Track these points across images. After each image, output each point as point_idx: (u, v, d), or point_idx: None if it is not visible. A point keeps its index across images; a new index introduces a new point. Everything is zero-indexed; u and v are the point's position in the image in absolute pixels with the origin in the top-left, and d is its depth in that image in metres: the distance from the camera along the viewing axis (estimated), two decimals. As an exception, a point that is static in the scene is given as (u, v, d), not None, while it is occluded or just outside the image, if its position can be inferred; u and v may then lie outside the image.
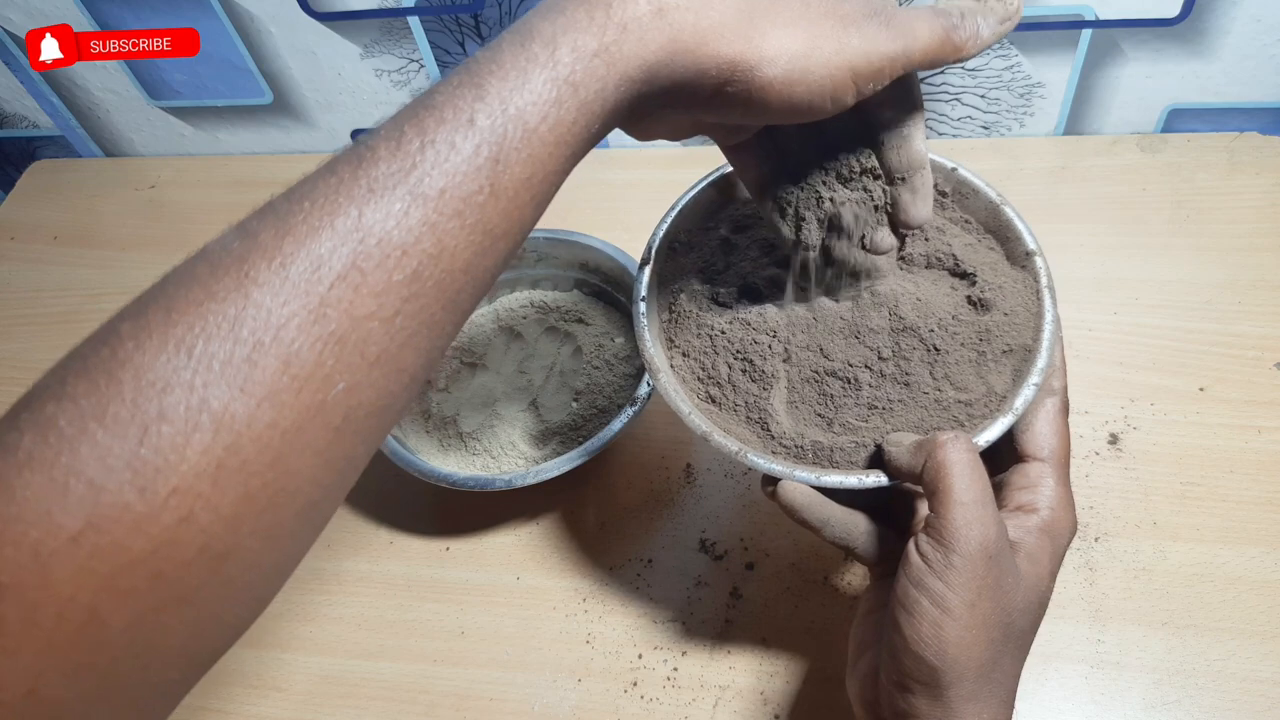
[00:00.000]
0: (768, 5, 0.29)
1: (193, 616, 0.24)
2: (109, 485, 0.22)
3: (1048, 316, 0.39)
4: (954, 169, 0.44)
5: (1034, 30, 0.62)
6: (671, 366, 0.41)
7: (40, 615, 0.21)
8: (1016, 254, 0.42)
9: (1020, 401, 0.37)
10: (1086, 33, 0.62)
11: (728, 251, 0.44)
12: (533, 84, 0.26)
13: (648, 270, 0.43)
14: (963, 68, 0.65)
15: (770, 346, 0.40)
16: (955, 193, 0.44)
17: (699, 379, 0.41)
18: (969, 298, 0.40)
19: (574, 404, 0.55)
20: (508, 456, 0.53)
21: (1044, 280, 0.41)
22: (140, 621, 0.23)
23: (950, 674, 0.32)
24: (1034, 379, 0.38)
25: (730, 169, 0.44)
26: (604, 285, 0.60)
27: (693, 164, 0.72)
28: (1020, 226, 0.42)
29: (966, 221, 0.44)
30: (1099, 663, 0.46)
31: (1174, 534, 0.50)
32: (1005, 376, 0.39)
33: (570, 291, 0.61)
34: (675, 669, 0.48)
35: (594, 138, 0.29)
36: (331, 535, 0.55)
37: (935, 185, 0.42)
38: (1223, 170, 0.65)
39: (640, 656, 0.49)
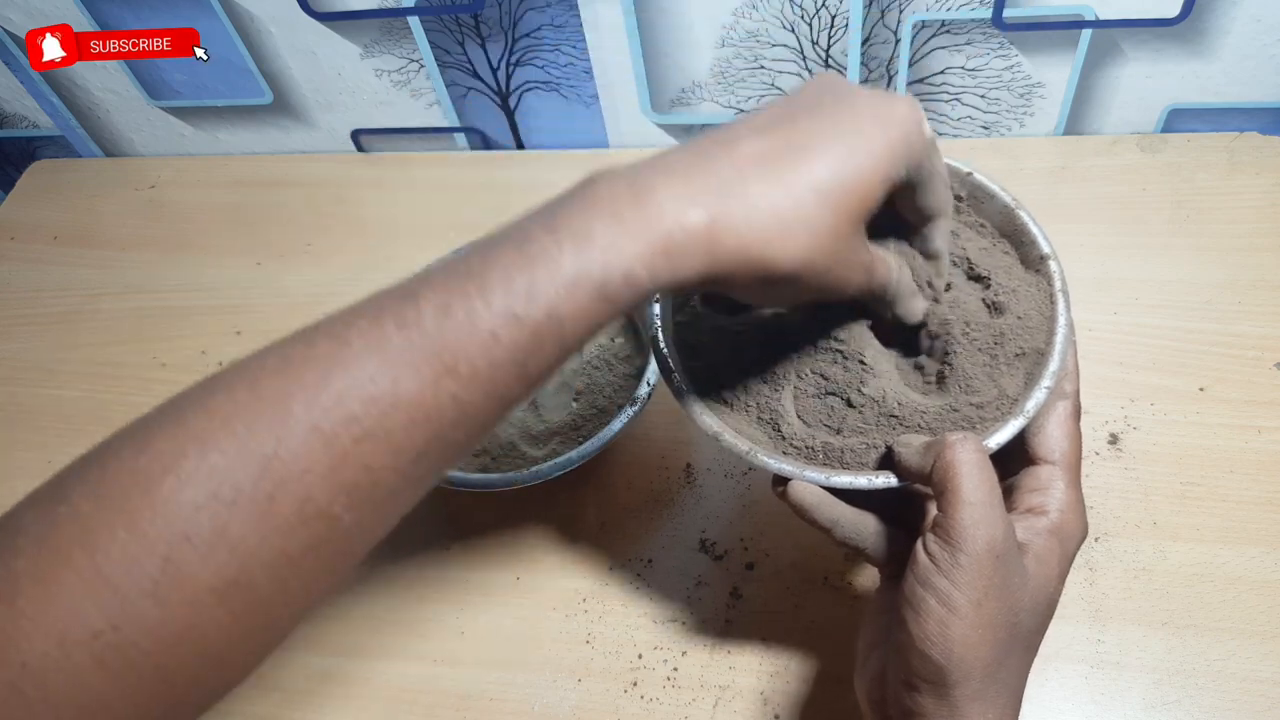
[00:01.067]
0: (790, 231, 0.30)
1: (183, 699, 0.27)
2: (132, 593, 0.24)
3: (1061, 320, 0.39)
4: (969, 173, 0.44)
5: (1034, 30, 0.62)
6: (685, 367, 0.41)
7: (55, 696, 0.24)
8: (1031, 258, 0.42)
9: (1032, 404, 0.37)
10: (1086, 33, 0.62)
11: None
12: (578, 298, 0.28)
13: None
14: (962, 68, 0.65)
15: (782, 348, 0.40)
16: (970, 197, 0.44)
17: (712, 380, 0.41)
18: (983, 300, 0.40)
19: (574, 404, 0.55)
20: (507, 457, 0.53)
21: (1058, 284, 0.41)
22: (139, 708, 0.25)
23: (956, 672, 0.32)
24: (1046, 382, 0.38)
25: None
26: (604, 285, 0.60)
27: (693, 164, 0.73)
28: (1035, 231, 0.42)
29: (981, 225, 0.44)
30: (1099, 663, 0.46)
31: (1174, 534, 0.49)
32: (1018, 379, 0.39)
33: (570, 291, 0.61)
34: (675, 669, 0.48)
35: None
36: (331, 535, 0.55)
37: (949, 189, 0.43)
38: (1223, 170, 0.65)
39: (640, 656, 0.49)
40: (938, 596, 0.33)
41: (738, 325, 0.41)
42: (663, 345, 0.41)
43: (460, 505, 0.54)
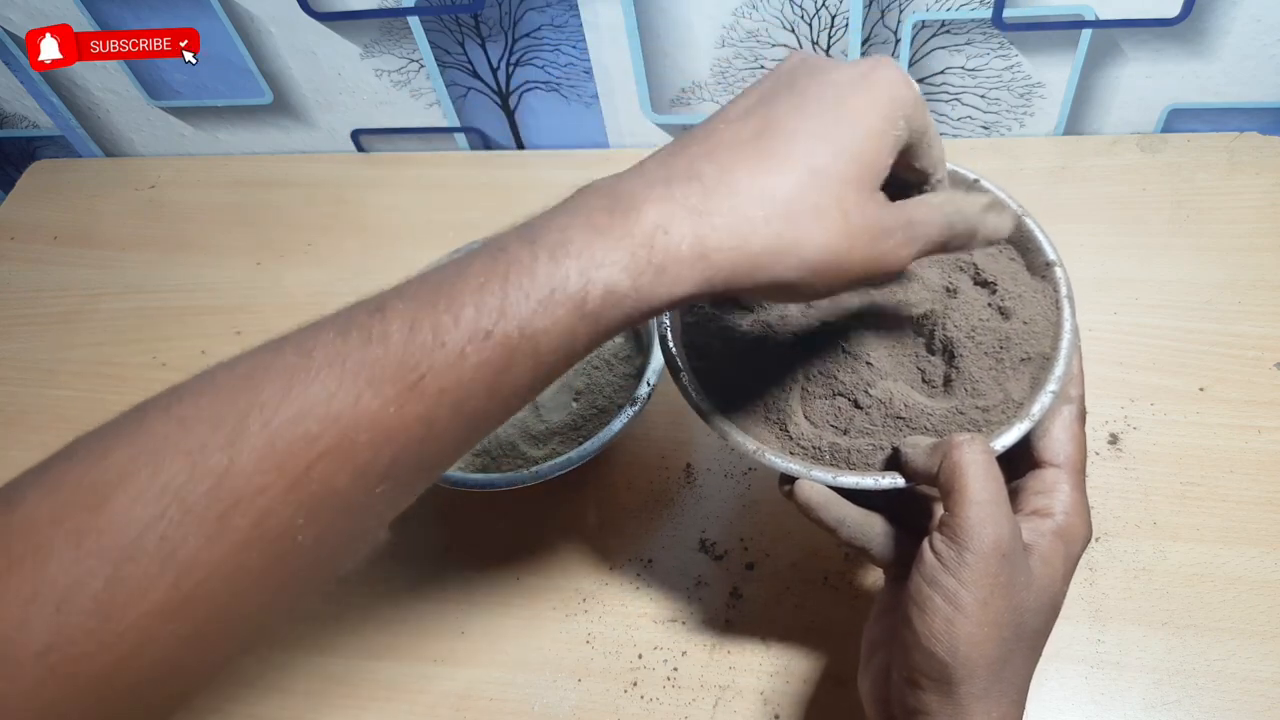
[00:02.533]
0: (798, 222, 0.28)
1: (143, 709, 0.26)
2: (75, 612, 0.24)
3: (1066, 326, 0.40)
4: (976, 180, 0.44)
5: (1034, 30, 0.62)
6: (693, 368, 0.41)
7: (7, 705, 0.23)
8: (1037, 264, 0.43)
9: (1037, 408, 0.38)
10: (1086, 33, 0.62)
11: None
12: (555, 313, 0.26)
13: None
14: (962, 68, 0.65)
15: (791, 349, 0.41)
16: None
17: (719, 380, 0.41)
18: (989, 305, 0.41)
19: (574, 404, 0.55)
20: (507, 457, 0.53)
21: (1064, 290, 0.41)
22: (96, 718, 0.25)
23: (961, 670, 0.32)
24: (1051, 387, 0.38)
25: None
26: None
27: (693, 164, 0.73)
28: (1040, 237, 0.43)
29: None
30: (1099, 663, 0.46)
31: (1174, 534, 0.49)
32: (1023, 384, 0.39)
33: (570, 291, 0.61)
34: (675, 669, 0.48)
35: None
36: (331, 535, 0.55)
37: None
38: (1223, 170, 0.65)
39: (640, 656, 0.49)
40: (944, 594, 0.33)
41: (746, 326, 0.42)
42: (671, 345, 0.41)
43: (460, 505, 0.54)
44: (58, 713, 0.24)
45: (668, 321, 0.42)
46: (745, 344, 0.41)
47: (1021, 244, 0.43)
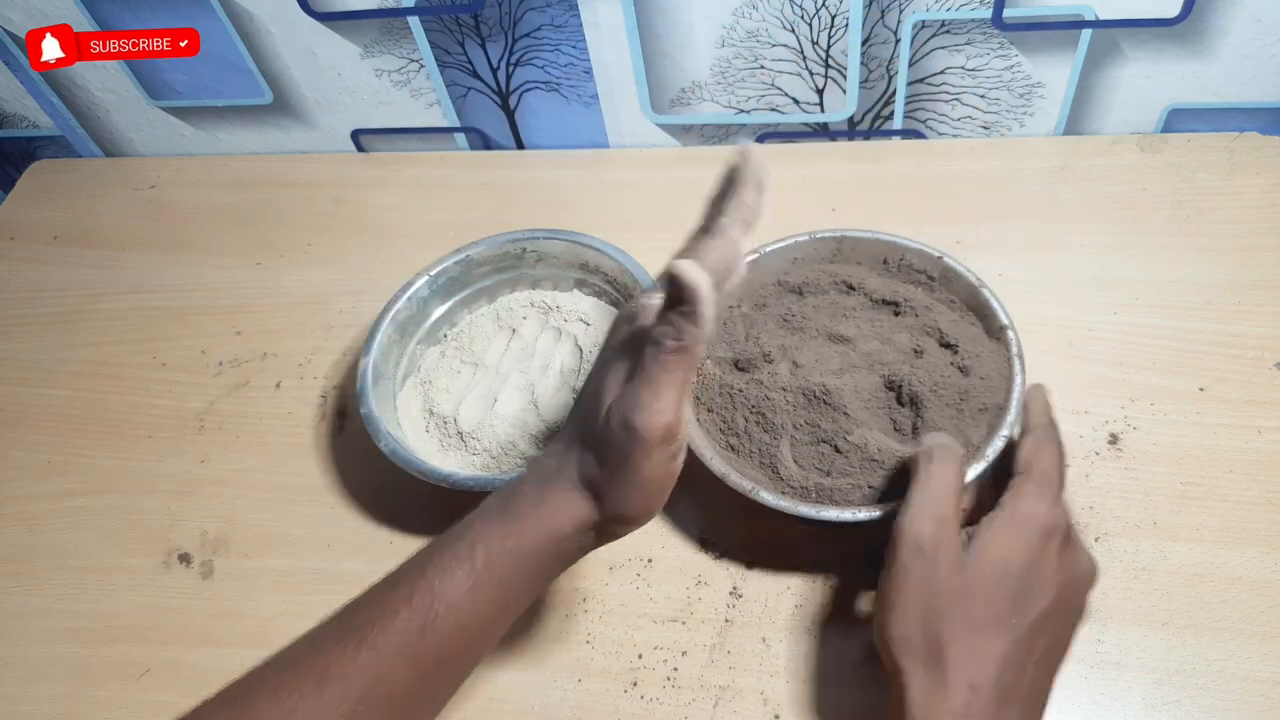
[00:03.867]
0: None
1: None
2: None
3: (1017, 380, 0.48)
4: (939, 257, 0.53)
5: (1034, 30, 0.62)
6: (697, 420, 0.50)
7: None
8: (993, 328, 0.51)
9: (991, 450, 0.45)
10: (1086, 33, 0.62)
11: (749, 325, 0.53)
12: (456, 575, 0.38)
13: None
14: (962, 68, 0.65)
15: (779, 403, 0.48)
16: (941, 277, 0.53)
17: (720, 430, 0.50)
18: (951, 364, 0.49)
19: (574, 404, 0.55)
20: (508, 456, 0.53)
21: (1015, 350, 0.49)
22: None
23: (892, 649, 0.39)
24: (1004, 431, 0.46)
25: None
26: (604, 285, 0.60)
27: (694, 164, 0.73)
28: (995, 305, 0.51)
29: (951, 301, 0.53)
30: (1099, 663, 0.46)
31: (1174, 534, 0.49)
32: (981, 430, 0.47)
33: (570, 291, 0.61)
34: (675, 669, 0.48)
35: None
36: (332, 535, 0.55)
37: (925, 270, 0.53)
38: (1223, 170, 0.65)
39: (640, 656, 0.49)
40: (881, 595, 0.40)
41: (743, 384, 0.49)
42: None
43: (460, 505, 0.54)
44: None
45: None
46: (742, 399, 0.49)
47: (979, 310, 0.52)
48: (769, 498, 0.46)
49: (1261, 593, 0.47)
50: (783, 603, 0.50)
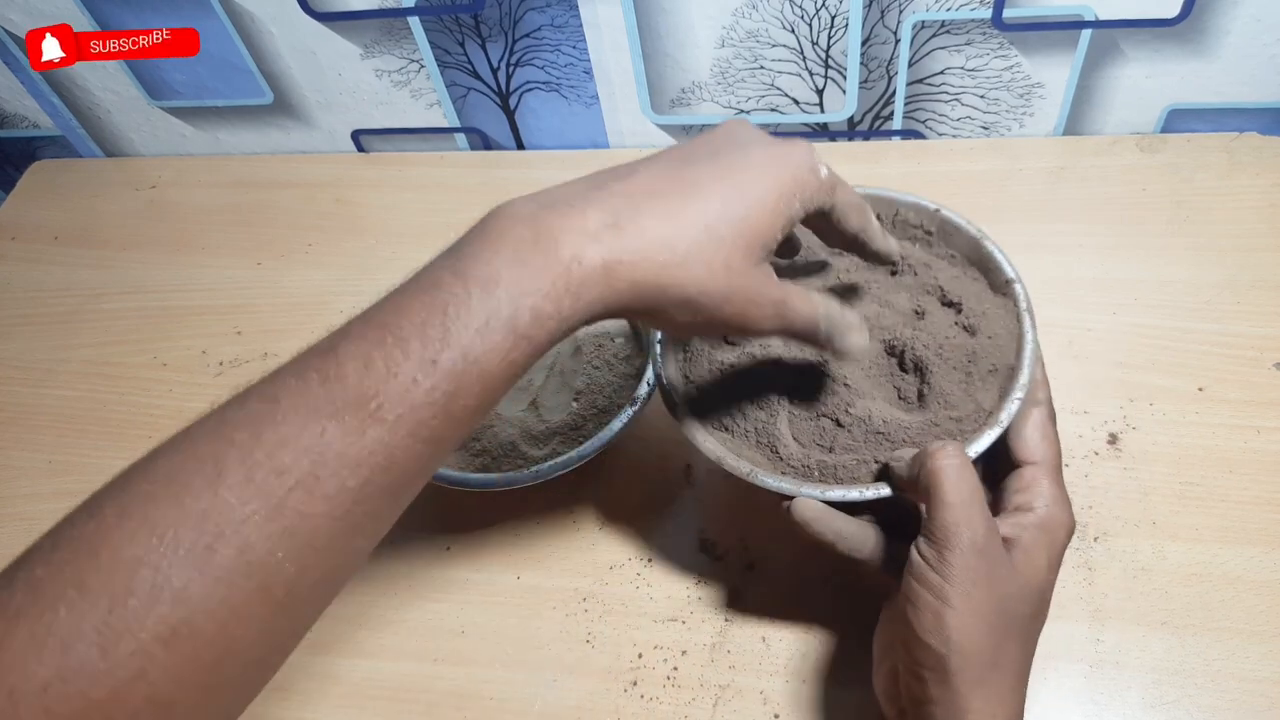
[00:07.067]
0: (687, 268, 0.32)
1: None
2: (78, 645, 0.26)
3: (1028, 337, 0.43)
4: (937, 210, 0.49)
5: (1034, 30, 0.62)
6: (688, 399, 0.45)
7: None
8: (997, 283, 0.46)
9: (1005, 415, 0.41)
10: (1086, 33, 0.62)
11: None
12: (493, 335, 0.30)
13: None
14: (962, 68, 0.65)
15: (774, 377, 0.44)
16: (940, 231, 0.49)
17: (713, 409, 0.45)
18: (956, 324, 0.44)
19: (574, 404, 0.55)
20: (507, 457, 0.53)
21: (1023, 304, 0.45)
22: None
23: (955, 659, 0.35)
24: (1017, 394, 0.41)
25: None
26: (604, 285, 0.60)
27: (693, 164, 0.73)
28: (1000, 258, 0.47)
29: (952, 256, 0.48)
30: (1098, 663, 0.46)
31: (1173, 534, 0.50)
32: (992, 394, 0.42)
33: (570, 291, 0.61)
34: (675, 669, 0.48)
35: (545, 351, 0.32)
36: (332, 535, 0.55)
37: (921, 225, 0.49)
38: (1222, 170, 0.65)
39: (640, 656, 0.49)
40: (931, 590, 0.35)
41: (734, 359, 0.45)
42: (665, 381, 0.45)
43: (460, 505, 0.54)
44: None
45: (661, 361, 0.46)
46: (734, 375, 0.45)
47: (982, 264, 0.47)
48: (769, 480, 0.41)
49: (1261, 593, 0.47)
50: (783, 603, 0.50)
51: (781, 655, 0.48)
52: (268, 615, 0.29)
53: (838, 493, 0.40)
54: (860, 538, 0.40)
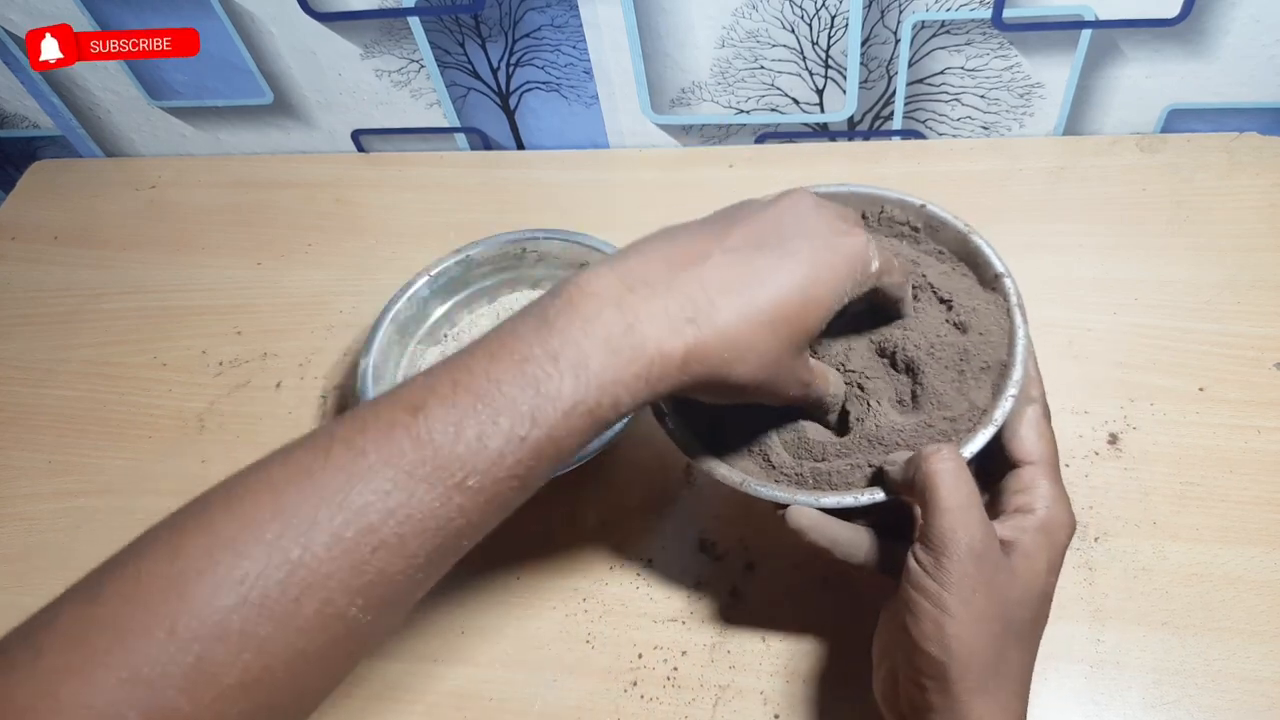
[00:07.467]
0: (744, 356, 0.35)
1: None
2: (166, 689, 0.26)
3: (1020, 333, 0.43)
4: (922, 205, 0.48)
5: (1034, 30, 0.62)
6: (677, 409, 0.44)
7: None
8: (987, 277, 0.46)
9: (999, 413, 0.40)
10: (1086, 33, 0.62)
11: None
12: (576, 420, 0.31)
13: None
14: (962, 68, 0.65)
15: None
16: (926, 227, 0.48)
17: (703, 417, 0.44)
18: (947, 321, 0.44)
19: (574, 404, 0.55)
20: (508, 456, 0.53)
21: (1014, 299, 0.44)
22: None
23: (957, 667, 0.34)
24: (1011, 391, 0.41)
25: None
26: (604, 285, 0.60)
27: (693, 164, 0.73)
28: (988, 252, 0.46)
29: (940, 252, 0.48)
30: (1099, 663, 0.46)
31: (1174, 534, 0.50)
32: (985, 392, 0.42)
33: (570, 292, 0.61)
34: (675, 669, 0.48)
35: None
36: (332, 535, 0.55)
37: (907, 222, 0.49)
38: (1222, 170, 0.65)
39: (640, 656, 0.49)
40: (930, 598, 0.35)
41: None
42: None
43: (460, 505, 0.54)
44: None
45: None
46: None
47: (970, 259, 0.47)
48: (762, 489, 0.41)
49: (1261, 593, 0.47)
50: (783, 603, 0.50)
51: (781, 655, 0.48)
52: (337, 662, 0.30)
53: (832, 499, 0.40)
54: (856, 543, 0.40)
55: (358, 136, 0.78)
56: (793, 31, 0.64)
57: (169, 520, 0.29)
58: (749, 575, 0.51)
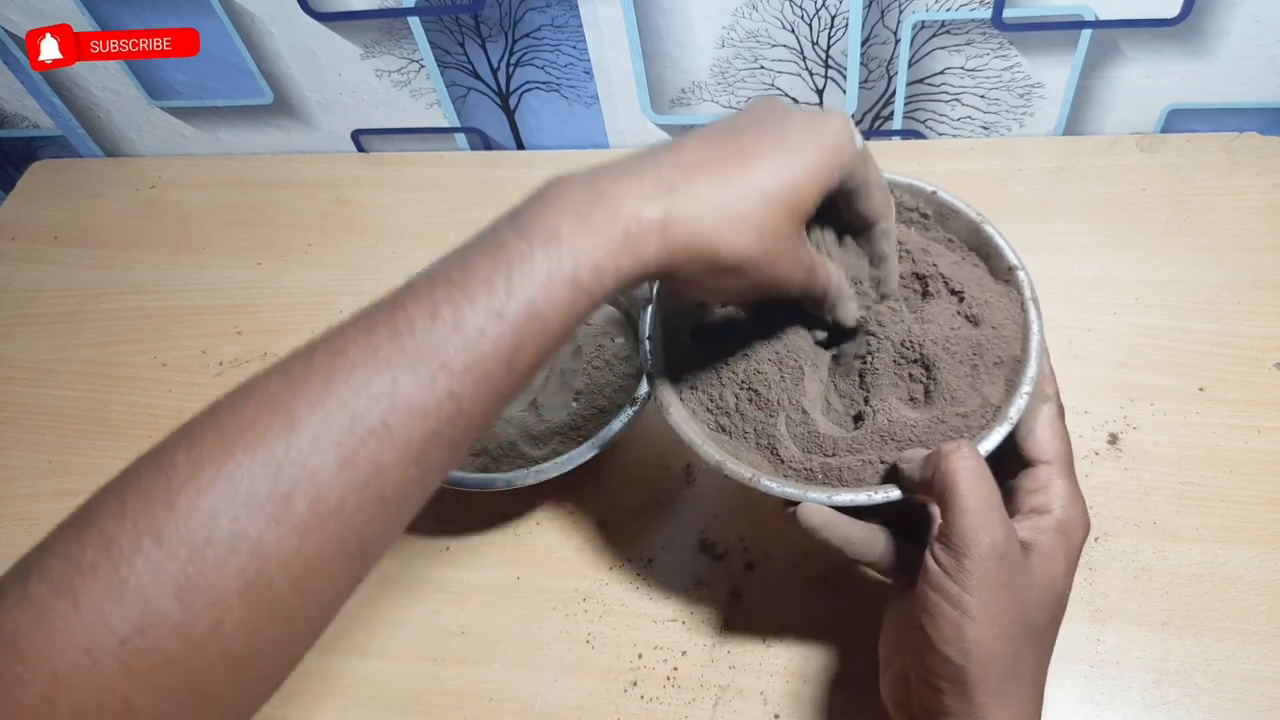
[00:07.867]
0: (736, 229, 0.34)
1: (210, 707, 0.28)
2: (157, 596, 0.25)
3: (1034, 328, 0.41)
4: (934, 192, 0.46)
5: (1034, 30, 0.62)
6: (681, 400, 0.43)
7: (84, 703, 0.25)
8: (999, 270, 0.44)
9: (1014, 410, 0.39)
10: (1086, 33, 0.62)
11: None
12: (556, 289, 0.30)
13: (650, 309, 0.45)
14: (962, 68, 0.65)
15: (771, 376, 0.42)
16: (937, 214, 0.46)
17: (708, 410, 0.43)
18: (959, 314, 0.42)
19: (574, 404, 0.55)
20: (507, 457, 0.53)
21: (1028, 293, 0.43)
22: (166, 712, 0.26)
23: (975, 671, 0.34)
24: (1026, 388, 0.40)
25: None
26: (604, 285, 0.60)
27: (693, 164, 0.73)
28: (1001, 243, 0.44)
29: (950, 241, 0.46)
30: (1099, 663, 0.46)
31: (1174, 534, 0.50)
32: (999, 387, 0.40)
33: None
34: (675, 669, 0.48)
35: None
36: (331, 535, 0.55)
37: (916, 209, 0.47)
38: (1222, 170, 0.65)
39: (640, 656, 0.49)
40: (949, 600, 0.34)
41: (731, 358, 0.43)
42: (658, 381, 0.43)
43: (460, 505, 0.54)
44: (131, 709, 0.26)
45: (651, 358, 0.44)
46: (730, 372, 0.42)
47: (982, 250, 0.45)
48: (772, 485, 0.39)
49: (1261, 593, 0.47)
50: (783, 603, 0.50)
51: (782, 655, 0.48)
52: (338, 567, 0.29)
53: (845, 496, 0.38)
54: (870, 542, 0.39)
55: (358, 136, 0.78)
56: (793, 31, 0.64)
57: (158, 444, 0.29)
58: (749, 575, 0.51)
